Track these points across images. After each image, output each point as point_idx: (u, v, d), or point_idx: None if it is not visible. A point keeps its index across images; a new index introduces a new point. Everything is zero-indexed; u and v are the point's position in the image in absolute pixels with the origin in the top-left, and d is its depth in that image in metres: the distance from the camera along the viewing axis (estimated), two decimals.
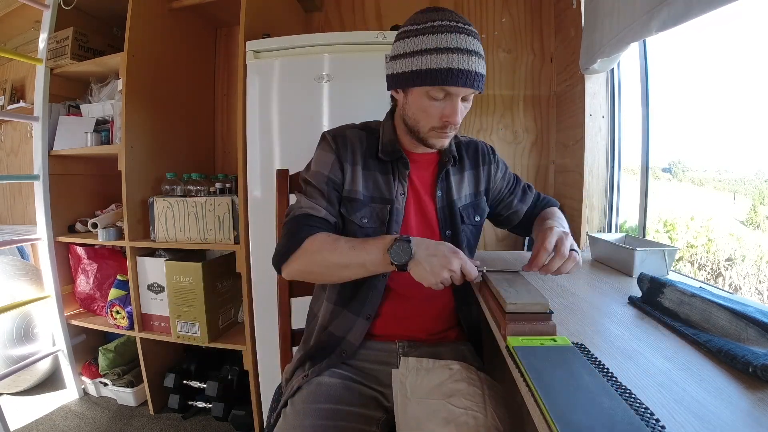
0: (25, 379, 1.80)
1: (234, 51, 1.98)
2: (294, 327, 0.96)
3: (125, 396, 1.72)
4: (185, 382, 1.66)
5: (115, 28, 1.78)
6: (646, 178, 1.29)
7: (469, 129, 1.80)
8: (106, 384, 1.74)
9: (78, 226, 1.77)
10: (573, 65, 1.48)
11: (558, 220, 0.87)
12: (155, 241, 1.57)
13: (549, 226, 0.73)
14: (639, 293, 0.77)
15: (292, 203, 0.82)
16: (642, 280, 0.78)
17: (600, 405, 0.40)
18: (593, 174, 1.43)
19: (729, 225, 1.53)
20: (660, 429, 0.38)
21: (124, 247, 1.62)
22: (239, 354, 1.56)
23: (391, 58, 0.76)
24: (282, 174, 0.99)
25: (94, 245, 1.75)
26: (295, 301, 0.97)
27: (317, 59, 1.30)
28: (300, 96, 1.32)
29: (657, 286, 0.73)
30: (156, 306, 1.61)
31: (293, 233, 0.74)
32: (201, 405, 1.63)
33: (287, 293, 0.96)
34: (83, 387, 1.81)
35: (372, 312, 0.80)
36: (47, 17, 1.65)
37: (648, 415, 0.39)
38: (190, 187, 1.60)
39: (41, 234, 1.68)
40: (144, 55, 1.58)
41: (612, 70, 1.37)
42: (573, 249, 0.69)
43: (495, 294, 0.64)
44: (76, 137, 1.68)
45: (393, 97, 0.82)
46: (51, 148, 1.69)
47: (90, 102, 1.76)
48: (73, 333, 1.78)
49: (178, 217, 1.52)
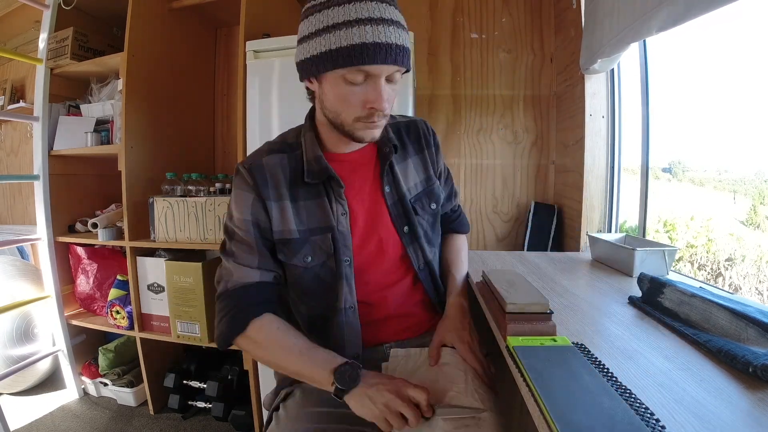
0: (25, 379, 1.80)
1: (234, 51, 1.98)
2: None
3: (125, 396, 1.72)
4: (185, 382, 1.66)
5: (115, 28, 1.78)
6: (646, 178, 1.30)
7: (469, 129, 1.80)
8: (106, 384, 1.74)
9: (78, 226, 1.77)
10: (573, 65, 1.48)
11: (462, 270, 0.84)
12: (155, 241, 1.57)
13: (453, 317, 0.73)
14: (639, 293, 0.77)
15: (221, 266, 0.72)
16: (642, 280, 0.78)
17: (600, 405, 0.40)
18: (593, 174, 1.43)
19: (729, 225, 1.53)
20: (660, 429, 0.38)
21: (124, 247, 1.62)
22: (239, 354, 1.56)
23: (298, 41, 0.64)
24: None
25: (94, 245, 1.75)
26: None
27: None
28: (300, 96, 1.30)
29: (657, 286, 0.73)
30: (156, 306, 1.61)
31: (234, 316, 0.67)
32: (201, 405, 1.63)
33: None
34: (83, 387, 1.81)
35: (359, 349, 0.73)
36: (47, 17, 1.65)
37: (648, 415, 0.39)
38: (190, 187, 1.60)
39: (41, 234, 1.68)
40: (144, 55, 1.58)
41: (612, 70, 1.37)
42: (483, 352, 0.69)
43: (495, 294, 0.64)
44: (76, 137, 1.68)
45: (308, 90, 0.71)
46: (51, 148, 1.69)
47: (90, 102, 1.76)
48: (73, 333, 1.78)
49: (178, 217, 1.52)
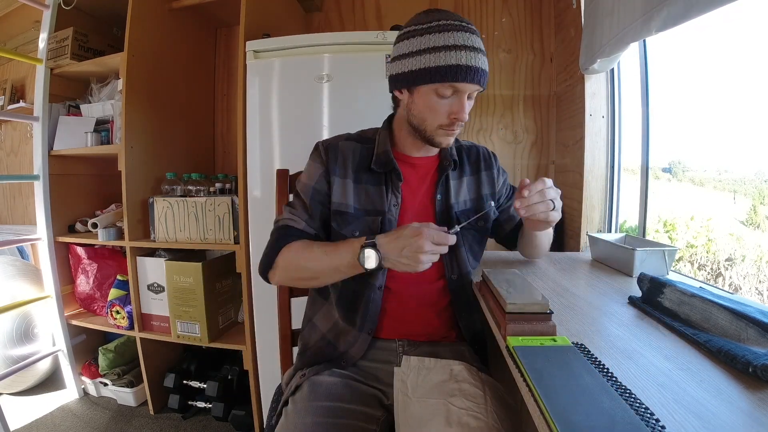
0: (25, 379, 1.80)
1: (234, 51, 1.98)
2: (294, 327, 0.96)
3: (125, 396, 1.72)
4: (185, 382, 1.66)
5: (115, 28, 1.78)
6: (646, 178, 1.29)
7: (469, 129, 1.80)
8: (106, 384, 1.74)
9: (78, 226, 1.77)
10: (573, 65, 1.48)
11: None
12: (155, 241, 1.57)
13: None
14: (639, 293, 0.77)
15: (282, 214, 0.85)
16: (642, 280, 0.77)
17: (600, 405, 0.40)
18: (593, 174, 1.43)
19: (729, 225, 1.53)
20: (660, 429, 0.38)
21: (124, 247, 1.62)
22: (239, 354, 1.56)
23: (394, 58, 0.76)
24: (282, 174, 0.99)
25: (94, 245, 1.75)
26: (295, 301, 0.97)
27: (317, 59, 1.30)
28: (300, 96, 1.32)
29: (657, 286, 0.73)
30: (156, 306, 1.61)
31: (272, 244, 0.79)
32: (201, 405, 1.63)
33: (287, 293, 0.96)
34: (83, 387, 1.81)
35: (374, 326, 0.80)
36: (47, 17, 1.65)
37: (648, 415, 0.39)
38: (190, 187, 1.60)
39: (41, 234, 1.68)
40: (144, 55, 1.58)
41: (612, 70, 1.37)
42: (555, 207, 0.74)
43: (495, 294, 0.64)
44: (76, 137, 1.68)
45: (395, 99, 0.82)
46: (51, 148, 1.69)
47: (90, 102, 1.76)
48: (73, 333, 1.78)
49: (178, 217, 1.52)
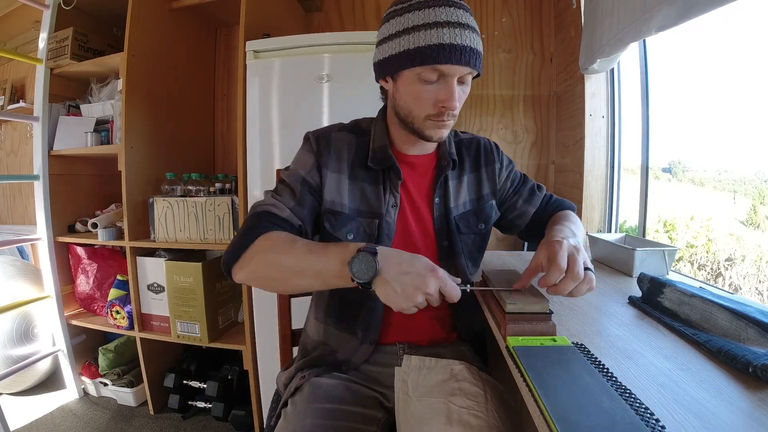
0: (25, 379, 1.80)
1: (234, 51, 1.98)
2: (294, 327, 0.96)
3: (125, 396, 1.72)
4: (185, 382, 1.66)
5: (115, 28, 1.78)
6: (646, 178, 1.30)
7: (469, 129, 1.80)
8: (106, 384, 1.74)
9: (78, 226, 1.77)
10: (573, 65, 1.48)
11: (570, 228, 0.73)
12: (155, 241, 1.57)
13: (557, 238, 0.61)
14: (639, 293, 0.77)
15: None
16: (642, 280, 0.77)
17: (600, 405, 0.40)
18: (593, 174, 1.43)
19: (729, 225, 1.52)
20: (660, 429, 0.38)
21: (124, 247, 1.62)
22: (239, 354, 1.56)
23: (377, 45, 0.69)
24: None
25: (94, 245, 1.75)
26: (295, 301, 0.97)
27: (317, 59, 1.30)
28: (300, 96, 1.32)
29: (657, 286, 0.73)
30: (156, 306, 1.61)
31: (246, 230, 0.65)
32: (201, 405, 1.63)
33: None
34: (83, 387, 1.81)
35: (376, 336, 0.76)
36: (47, 17, 1.65)
37: (648, 415, 0.39)
38: (190, 187, 1.60)
39: (41, 234, 1.68)
40: (144, 55, 1.58)
41: (612, 70, 1.37)
42: (587, 268, 0.58)
43: (495, 294, 0.64)
44: (76, 137, 1.68)
45: (383, 90, 0.75)
46: (51, 148, 1.69)
47: (90, 102, 1.76)
48: (73, 333, 1.78)
49: (178, 217, 1.52)
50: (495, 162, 0.84)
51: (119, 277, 1.70)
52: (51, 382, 1.88)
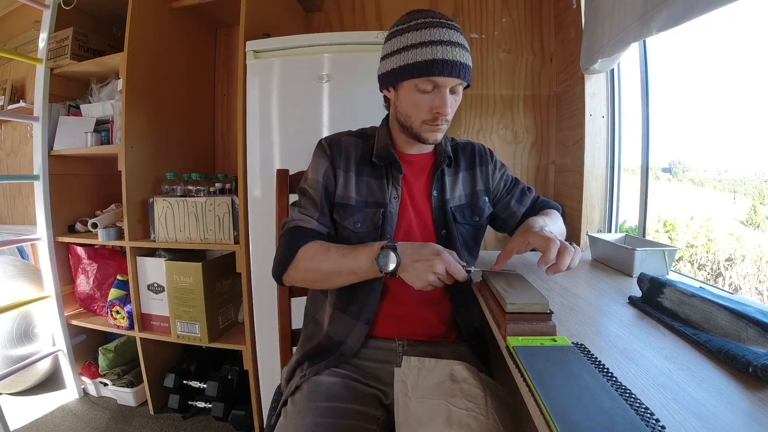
0: (25, 379, 1.80)
1: (234, 51, 1.98)
2: (294, 327, 0.96)
3: (125, 396, 1.72)
4: (185, 382, 1.66)
5: (115, 28, 1.78)
6: (646, 178, 1.29)
7: (469, 129, 1.80)
8: (106, 384, 1.74)
9: (78, 226, 1.77)
10: (573, 65, 1.48)
11: (549, 222, 0.83)
12: (155, 241, 1.57)
13: (534, 226, 0.75)
14: (639, 293, 0.77)
15: (288, 215, 0.85)
16: (642, 280, 0.77)
17: (600, 405, 0.40)
18: (593, 174, 1.43)
19: (729, 225, 1.53)
20: (660, 429, 0.38)
21: (124, 247, 1.62)
22: (239, 354, 1.56)
23: (381, 59, 0.80)
24: (282, 174, 0.99)
25: (94, 245, 1.75)
26: (295, 301, 0.97)
27: (317, 59, 1.30)
28: (300, 96, 1.32)
29: (657, 286, 0.73)
30: (156, 306, 1.61)
31: (288, 246, 0.77)
32: (201, 405, 1.63)
33: (287, 293, 0.96)
34: (83, 387, 1.81)
35: (371, 315, 0.80)
36: (47, 17, 1.65)
37: (648, 415, 0.39)
38: (190, 187, 1.60)
39: (41, 234, 1.68)
40: (144, 55, 1.58)
41: (612, 70, 1.37)
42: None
43: (495, 294, 0.64)
44: (76, 137, 1.68)
45: (386, 99, 0.85)
46: (51, 148, 1.69)
47: (90, 102, 1.76)
48: (73, 333, 1.78)
49: (178, 217, 1.52)
50: (489, 164, 0.93)
51: (119, 277, 1.70)
52: (51, 382, 1.88)
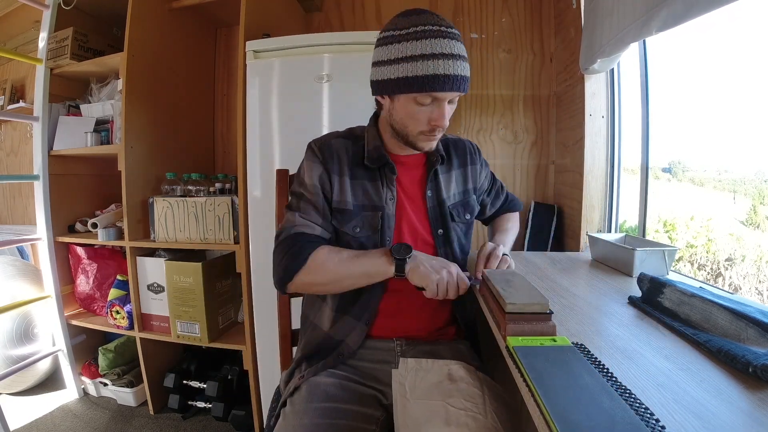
0: (25, 379, 1.80)
1: (234, 51, 1.98)
2: (294, 327, 0.96)
3: (125, 396, 1.72)
4: (185, 382, 1.66)
5: (115, 28, 1.78)
6: (646, 178, 1.29)
7: (469, 129, 1.80)
8: (106, 384, 1.74)
9: (78, 226, 1.77)
10: (573, 65, 1.48)
11: (502, 234, 0.95)
12: (155, 241, 1.57)
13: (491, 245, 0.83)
14: (639, 293, 0.77)
15: (285, 219, 0.81)
16: (642, 280, 0.77)
17: (600, 405, 0.40)
18: (593, 174, 1.43)
19: (729, 225, 1.53)
20: (660, 429, 0.38)
21: (124, 247, 1.62)
22: (239, 354, 1.56)
23: (374, 63, 0.76)
24: (282, 174, 0.99)
25: (94, 245, 1.75)
26: (295, 301, 0.97)
27: (317, 59, 1.30)
28: (300, 96, 1.32)
29: (657, 286, 0.73)
30: (156, 306, 1.61)
31: (295, 253, 0.74)
32: (201, 405, 1.63)
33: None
34: (83, 387, 1.81)
35: (371, 316, 0.80)
36: (47, 17, 1.65)
37: (648, 415, 0.39)
38: (190, 187, 1.60)
39: (41, 234, 1.68)
40: (144, 55, 1.58)
41: (612, 70, 1.37)
42: (505, 254, 0.80)
43: (495, 294, 0.64)
44: (76, 137, 1.68)
45: (378, 102, 0.83)
46: (51, 148, 1.69)
47: (90, 102, 1.76)
48: (73, 333, 1.78)
49: (178, 217, 1.52)
50: (477, 162, 0.94)
51: (119, 277, 1.70)
52: (51, 382, 1.88)
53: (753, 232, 1.43)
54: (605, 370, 0.49)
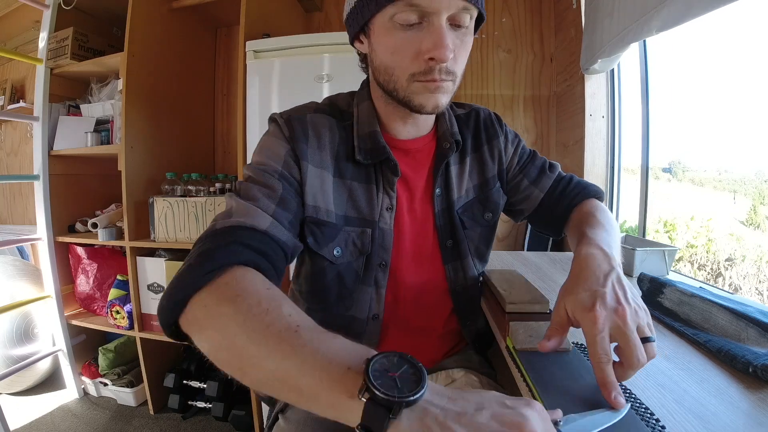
0: (25, 379, 1.80)
1: (234, 51, 1.98)
2: None
3: (125, 396, 1.72)
4: (185, 382, 1.66)
5: (115, 28, 1.78)
6: (646, 178, 1.29)
7: None
8: (106, 384, 1.74)
9: (78, 226, 1.77)
10: (573, 65, 1.48)
11: (599, 238, 0.52)
12: (155, 241, 1.57)
13: (585, 285, 0.43)
14: (639, 293, 0.77)
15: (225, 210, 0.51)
16: (642, 280, 0.77)
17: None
18: (593, 174, 1.43)
19: (729, 225, 1.53)
20: (660, 429, 0.38)
21: (124, 247, 1.62)
22: None
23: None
24: None
25: (94, 245, 1.75)
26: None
27: (317, 59, 1.30)
28: (300, 96, 1.31)
29: (657, 286, 0.73)
30: (156, 306, 1.61)
31: (201, 260, 0.41)
32: (201, 405, 1.63)
33: (288, 293, 0.96)
34: (83, 387, 1.81)
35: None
36: (47, 17, 1.65)
37: (648, 415, 0.39)
38: (190, 187, 1.60)
39: (41, 234, 1.68)
40: (144, 55, 1.58)
41: (612, 70, 1.37)
42: (647, 338, 0.39)
43: (495, 294, 0.64)
44: (76, 137, 1.68)
45: (360, 56, 0.61)
46: (51, 148, 1.69)
47: (90, 102, 1.76)
48: (73, 333, 1.78)
49: (178, 217, 1.52)
50: (498, 136, 0.68)
51: (119, 277, 1.70)
52: (51, 382, 1.88)
53: (753, 232, 1.43)
54: None
